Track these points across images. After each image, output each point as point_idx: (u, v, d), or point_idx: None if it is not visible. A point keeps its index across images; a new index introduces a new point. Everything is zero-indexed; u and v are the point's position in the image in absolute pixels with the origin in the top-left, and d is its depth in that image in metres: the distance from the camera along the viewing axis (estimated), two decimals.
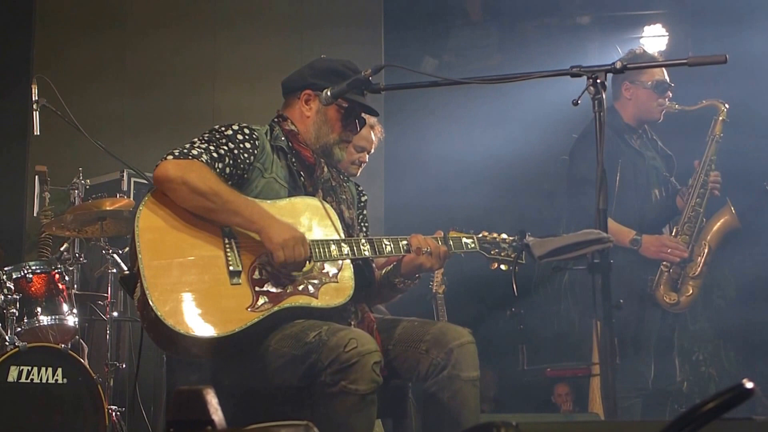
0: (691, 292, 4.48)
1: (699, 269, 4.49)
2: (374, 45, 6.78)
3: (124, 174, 5.58)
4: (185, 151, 2.76)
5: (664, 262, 4.45)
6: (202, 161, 2.74)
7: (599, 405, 5.17)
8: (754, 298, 5.39)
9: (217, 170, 2.77)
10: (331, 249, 2.82)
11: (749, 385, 1.19)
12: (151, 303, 2.57)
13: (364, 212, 3.24)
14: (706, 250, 4.51)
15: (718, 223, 4.59)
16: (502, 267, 3.05)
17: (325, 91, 2.94)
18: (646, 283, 4.46)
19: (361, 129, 3.15)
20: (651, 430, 1.44)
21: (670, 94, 4.54)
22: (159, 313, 2.56)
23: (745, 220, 4.61)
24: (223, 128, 2.88)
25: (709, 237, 4.55)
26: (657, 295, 4.45)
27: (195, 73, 6.62)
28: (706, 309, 5.70)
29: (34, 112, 4.79)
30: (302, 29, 6.73)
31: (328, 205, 2.96)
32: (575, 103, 2.75)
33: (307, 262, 2.78)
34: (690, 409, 1.21)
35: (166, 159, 2.73)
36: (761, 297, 5.23)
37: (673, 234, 4.52)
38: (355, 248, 2.86)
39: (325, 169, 3.05)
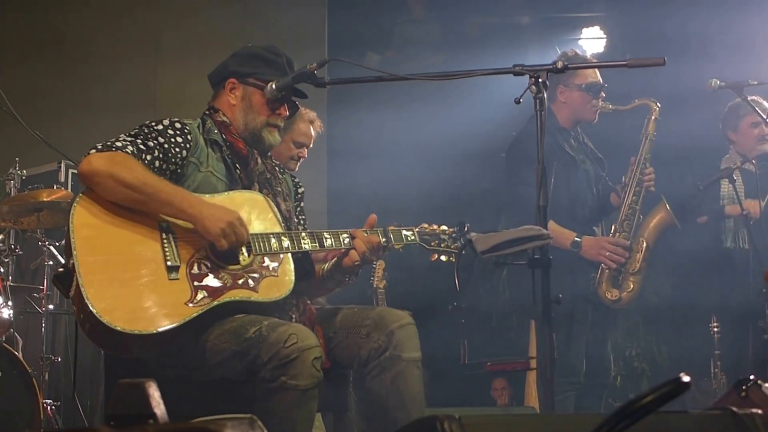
0: (632, 287, 4.56)
1: (638, 265, 4.57)
2: (318, 38, 6.77)
3: (62, 165, 5.49)
4: (109, 144, 2.72)
5: None
6: (127, 152, 2.71)
7: (535, 399, 5.24)
8: (688, 294, 5.50)
9: (146, 162, 2.74)
10: (272, 242, 2.81)
11: (686, 378, 1.22)
12: (86, 300, 2.52)
13: (302, 205, 3.24)
14: (644, 246, 4.59)
15: (655, 220, 4.68)
16: (443, 258, 3.07)
17: (269, 84, 2.96)
18: (589, 281, 4.54)
19: (292, 114, 3.12)
20: (588, 422, 1.47)
21: (604, 95, 4.62)
22: (95, 310, 2.51)
23: (678, 216, 4.71)
24: (153, 123, 2.86)
25: (646, 234, 4.63)
26: (599, 291, 4.52)
27: (137, 49, 6.52)
28: (640, 305, 5.81)
29: None
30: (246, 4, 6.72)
31: (268, 198, 2.95)
32: (517, 102, 2.81)
33: (247, 255, 2.77)
34: (628, 402, 1.23)
35: (89, 153, 2.69)
36: (694, 293, 5.34)
37: (612, 232, 4.60)
38: (295, 241, 2.86)
39: (259, 160, 3.04)
